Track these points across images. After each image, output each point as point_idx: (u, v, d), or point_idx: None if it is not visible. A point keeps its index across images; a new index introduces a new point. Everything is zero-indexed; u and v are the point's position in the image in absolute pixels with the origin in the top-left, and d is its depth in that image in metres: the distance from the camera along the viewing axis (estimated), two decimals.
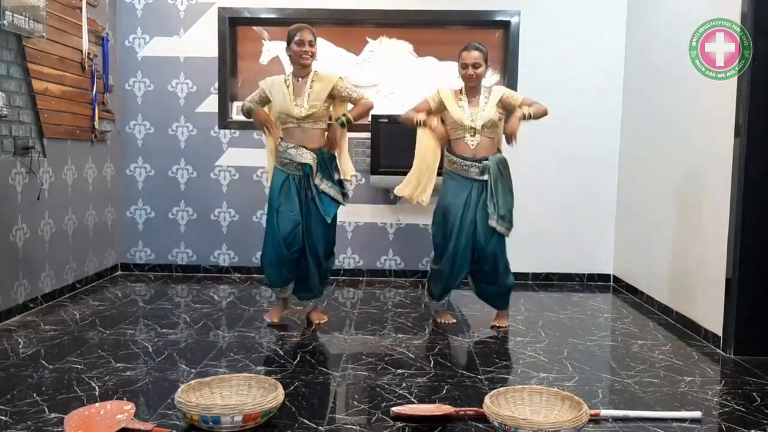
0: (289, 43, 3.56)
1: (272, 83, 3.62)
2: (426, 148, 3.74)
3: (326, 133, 3.66)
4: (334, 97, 3.62)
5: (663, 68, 4.23)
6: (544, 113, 3.67)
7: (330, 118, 3.71)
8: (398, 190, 3.84)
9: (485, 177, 3.63)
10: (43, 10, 3.80)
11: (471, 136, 3.63)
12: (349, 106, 3.71)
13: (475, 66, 3.60)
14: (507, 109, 3.67)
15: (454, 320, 3.87)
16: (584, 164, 4.96)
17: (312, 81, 3.57)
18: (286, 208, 3.57)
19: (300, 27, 3.56)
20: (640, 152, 4.62)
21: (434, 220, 3.79)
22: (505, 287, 3.78)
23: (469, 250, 3.65)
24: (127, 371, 2.91)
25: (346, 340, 3.51)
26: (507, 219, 3.65)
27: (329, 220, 3.62)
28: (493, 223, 3.60)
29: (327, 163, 3.62)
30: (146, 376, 2.86)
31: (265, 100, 3.67)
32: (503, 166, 3.68)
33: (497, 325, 3.78)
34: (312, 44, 3.54)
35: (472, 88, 3.67)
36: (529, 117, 3.60)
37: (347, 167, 3.77)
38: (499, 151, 3.74)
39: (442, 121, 3.74)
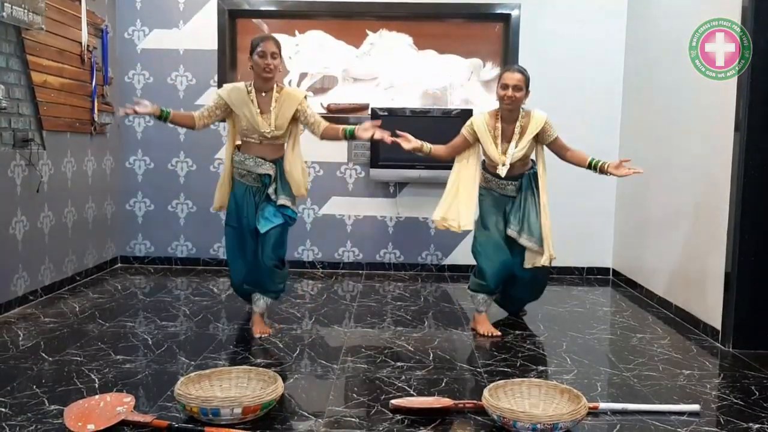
0: (251, 53, 3.32)
1: (235, 94, 3.35)
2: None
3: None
4: (296, 117, 3.40)
5: (663, 62, 4.22)
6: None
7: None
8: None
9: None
10: (42, 1, 3.79)
11: (503, 166, 3.45)
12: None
13: (516, 88, 3.34)
14: (539, 139, 3.48)
15: (499, 333, 3.52)
16: None
17: (276, 98, 3.35)
18: (245, 223, 3.41)
19: (264, 37, 3.35)
20: (639, 146, 4.61)
21: (475, 235, 3.65)
22: (532, 299, 3.88)
23: (509, 264, 3.57)
24: (126, 364, 2.92)
25: (346, 332, 3.51)
26: (530, 231, 3.54)
27: (266, 228, 3.33)
28: (512, 233, 3.55)
29: (284, 174, 3.42)
30: (146, 369, 2.86)
31: (225, 111, 3.40)
32: (534, 180, 3.57)
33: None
34: (275, 56, 3.29)
35: (509, 111, 3.42)
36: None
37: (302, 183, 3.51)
38: (533, 162, 3.62)
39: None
